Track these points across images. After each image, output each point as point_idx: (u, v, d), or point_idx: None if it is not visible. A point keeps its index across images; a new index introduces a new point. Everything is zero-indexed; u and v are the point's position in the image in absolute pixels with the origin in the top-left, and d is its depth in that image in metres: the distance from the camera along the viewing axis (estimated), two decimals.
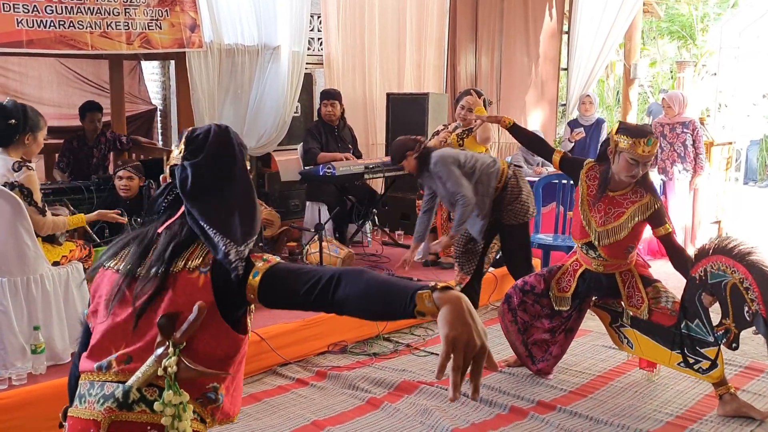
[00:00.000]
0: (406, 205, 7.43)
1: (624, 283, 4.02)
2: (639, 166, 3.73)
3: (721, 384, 3.84)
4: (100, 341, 1.84)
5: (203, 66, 6.17)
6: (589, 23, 9.17)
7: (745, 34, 13.23)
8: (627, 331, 4.12)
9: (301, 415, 3.90)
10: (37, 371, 3.82)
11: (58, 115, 7.29)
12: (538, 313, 4.28)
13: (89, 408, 1.78)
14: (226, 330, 1.82)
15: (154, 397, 1.74)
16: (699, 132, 7.29)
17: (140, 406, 1.74)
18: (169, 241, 1.87)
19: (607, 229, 3.87)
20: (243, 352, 1.91)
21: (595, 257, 3.99)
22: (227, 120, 6.66)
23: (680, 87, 12.15)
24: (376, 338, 5.07)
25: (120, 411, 1.74)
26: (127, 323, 1.82)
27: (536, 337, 4.30)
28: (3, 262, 3.83)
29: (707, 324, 3.71)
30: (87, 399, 1.79)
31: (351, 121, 7.10)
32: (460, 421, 3.81)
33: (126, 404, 1.74)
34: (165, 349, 1.73)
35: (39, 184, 4.04)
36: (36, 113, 4.07)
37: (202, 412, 1.83)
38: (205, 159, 1.91)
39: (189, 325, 1.73)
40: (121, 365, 1.78)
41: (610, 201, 3.89)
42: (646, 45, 15.32)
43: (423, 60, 8.30)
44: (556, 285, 4.21)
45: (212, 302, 1.78)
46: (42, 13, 5.11)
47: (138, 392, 1.74)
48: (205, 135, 1.95)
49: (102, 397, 1.76)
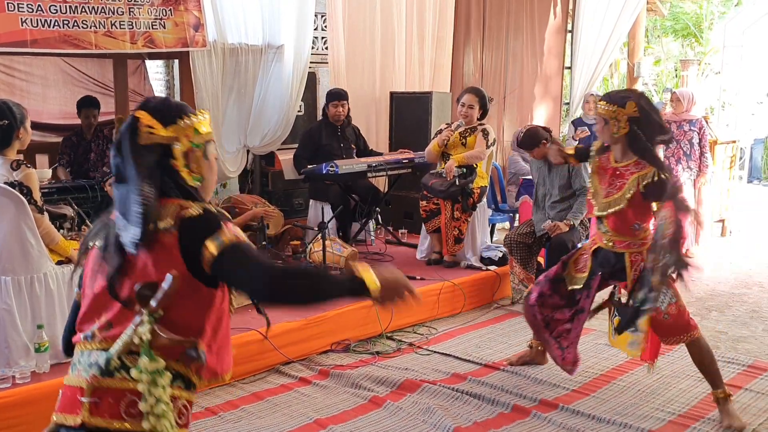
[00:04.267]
0: (409, 203, 7.43)
1: (633, 265, 3.89)
2: (603, 124, 3.81)
3: (715, 386, 3.82)
4: (86, 313, 1.94)
5: (207, 65, 6.19)
6: (593, 22, 9.18)
7: (749, 33, 13.21)
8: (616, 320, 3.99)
9: (303, 413, 3.91)
10: (40, 370, 3.84)
11: (62, 114, 7.29)
12: (556, 304, 4.14)
13: (77, 375, 1.88)
14: (197, 286, 1.89)
15: (134, 364, 1.82)
16: (705, 131, 7.29)
17: (120, 373, 1.83)
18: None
19: (608, 201, 3.86)
20: (217, 306, 1.96)
21: (605, 231, 3.94)
22: (231, 118, 6.68)
23: (684, 85, 12.14)
24: (379, 337, 5.08)
25: (102, 378, 1.83)
26: (105, 292, 1.89)
27: (560, 329, 4.17)
28: (7, 260, 3.84)
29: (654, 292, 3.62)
30: (77, 367, 1.90)
31: (355, 120, 7.10)
32: (462, 419, 3.82)
33: (107, 371, 1.83)
34: (141, 318, 1.80)
35: (38, 182, 4.04)
36: (16, 105, 4.03)
37: (186, 371, 1.90)
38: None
39: (163, 294, 1.79)
40: (103, 332, 1.88)
41: (614, 172, 3.88)
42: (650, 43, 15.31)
43: (427, 58, 8.29)
44: (573, 265, 4.12)
45: (180, 261, 1.85)
46: (46, 13, 5.12)
47: (118, 360, 1.83)
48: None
49: (88, 365, 1.86)
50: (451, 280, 5.71)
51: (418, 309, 5.44)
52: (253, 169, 7.39)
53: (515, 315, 5.66)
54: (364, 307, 5.08)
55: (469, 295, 5.76)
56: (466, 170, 6.02)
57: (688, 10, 15.83)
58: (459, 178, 5.95)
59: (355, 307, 5.05)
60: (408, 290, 1.86)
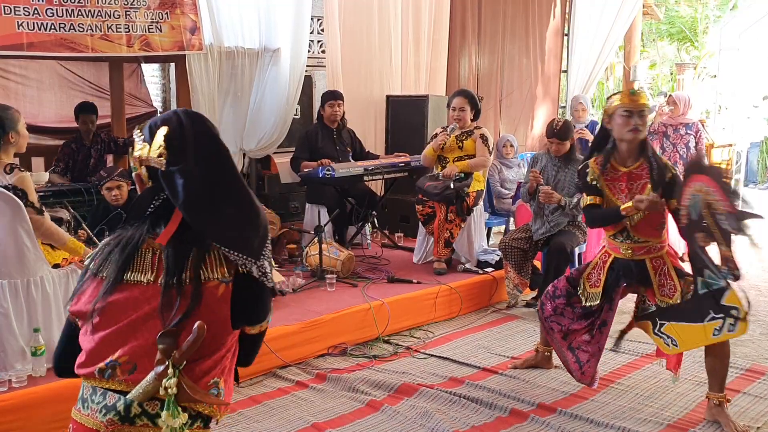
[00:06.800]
0: (405, 206, 7.43)
1: (655, 270, 3.86)
2: (634, 116, 3.71)
3: (717, 390, 3.81)
4: (98, 346, 1.81)
5: (203, 68, 6.18)
6: (588, 26, 9.18)
7: (744, 36, 13.24)
8: (667, 329, 3.82)
9: (300, 417, 3.89)
10: (37, 373, 3.81)
11: (58, 117, 7.29)
12: (572, 315, 4.08)
13: (92, 416, 1.78)
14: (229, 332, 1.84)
15: (155, 410, 1.74)
16: (702, 135, 7.31)
17: (142, 420, 1.75)
18: (186, 254, 1.82)
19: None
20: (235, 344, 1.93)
21: (623, 241, 3.86)
22: (227, 122, 6.67)
23: (680, 89, 12.17)
24: (375, 340, 5.07)
25: (122, 424, 1.75)
26: (127, 329, 1.80)
27: (579, 340, 4.10)
28: (3, 264, 3.82)
29: (714, 268, 3.50)
30: (90, 405, 1.79)
31: (351, 123, 7.10)
32: (460, 423, 3.81)
33: (128, 418, 1.75)
34: (165, 368, 1.71)
35: (33, 184, 4.02)
36: (6, 108, 3.98)
37: (211, 411, 1.83)
38: (195, 163, 1.80)
39: (189, 346, 1.71)
40: (125, 375, 1.77)
41: (629, 177, 3.84)
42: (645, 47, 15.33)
43: (423, 62, 8.30)
44: (586, 280, 4.04)
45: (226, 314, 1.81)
46: (42, 16, 5.12)
47: (139, 407, 1.75)
48: (182, 131, 1.83)
49: (104, 408, 1.76)
50: (448, 284, 5.70)
51: (415, 312, 5.45)
52: (249, 173, 7.38)
53: (512, 318, 5.66)
54: (361, 310, 5.08)
55: (465, 298, 5.76)
56: (462, 174, 6.02)
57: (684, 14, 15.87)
58: (454, 182, 5.95)
59: (352, 310, 5.05)
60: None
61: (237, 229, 1.81)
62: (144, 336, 1.78)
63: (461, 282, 5.82)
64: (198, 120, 1.86)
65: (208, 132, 1.86)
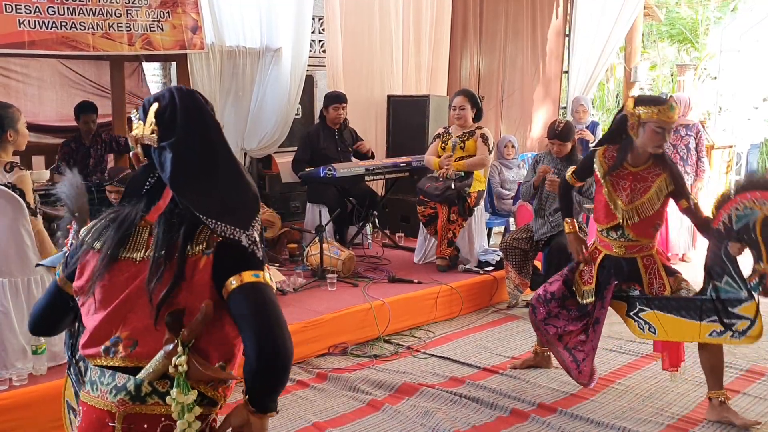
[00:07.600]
0: (406, 207, 7.43)
1: (646, 268, 3.90)
2: (665, 133, 3.73)
3: (718, 387, 3.82)
4: (101, 325, 1.81)
5: (205, 67, 6.18)
6: (589, 27, 9.18)
7: (745, 38, 13.24)
8: (647, 316, 3.85)
9: (301, 416, 3.89)
10: (37, 372, 3.82)
11: (59, 116, 7.28)
12: (567, 317, 4.11)
13: (102, 397, 1.78)
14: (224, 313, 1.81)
15: (166, 389, 1.75)
16: (702, 136, 7.29)
17: (153, 399, 1.75)
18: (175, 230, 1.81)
19: (635, 206, 3.81)
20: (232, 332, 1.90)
21: (617, 238, 3.89)
22: (228, 121, 6.67)
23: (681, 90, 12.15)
24: (376, 340, 5.07)
25: (133, 404, 1.75)
26: (124, 306, 1.79)
27: (575, 341, 4.11)
28: (3, 262, 3.82)
29: (738, 278, 3.53)
30: (99, 387, 1.79)
31: (353, 123, 7.09)
32: (460, 423, 3.81)
33: (139, 397, 1.75)
34: (174, 347, 1.72)
35: (33, 184, 4.01)
36: (6, 106, 3.95)
37: (215, 395, 1.83)
38: (183, 136, 1.81)
39: (196, 324, 1.73)
40: (127, 350, 1.77)
41: (635, 177, 3.85)
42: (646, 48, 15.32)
43: (424, 62, 8.30)
44: (579, 278, 4.08)
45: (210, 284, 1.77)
46: (44, 14, 5.11)
47: (150, 385, 1.75)
48: (172, 106, 1.83)
49: (114, 388, 1.77)
50: (449, 284, 5.70)
51: (416, 312, 5.45)
52: (249, 172, 7.37)
53: (513, 318, 5.66)
54: (362, 310, 5.08)
55: (466, 298, 5.76)
56: (463, 174, 6.02)
57: (684, 15, 15.86)
58: (455, 182, 5.95)
59: (353, 310, 5.05)
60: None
61: (224, 200, 1.81)
62: (142, 310, 1.78)
63: (462, 282, 5.83)
64: (188, 95, 1.87)
65: (198, 106, 1.87)
